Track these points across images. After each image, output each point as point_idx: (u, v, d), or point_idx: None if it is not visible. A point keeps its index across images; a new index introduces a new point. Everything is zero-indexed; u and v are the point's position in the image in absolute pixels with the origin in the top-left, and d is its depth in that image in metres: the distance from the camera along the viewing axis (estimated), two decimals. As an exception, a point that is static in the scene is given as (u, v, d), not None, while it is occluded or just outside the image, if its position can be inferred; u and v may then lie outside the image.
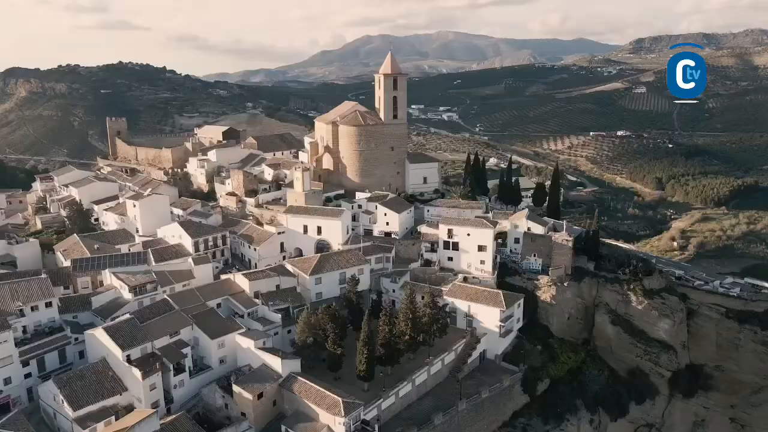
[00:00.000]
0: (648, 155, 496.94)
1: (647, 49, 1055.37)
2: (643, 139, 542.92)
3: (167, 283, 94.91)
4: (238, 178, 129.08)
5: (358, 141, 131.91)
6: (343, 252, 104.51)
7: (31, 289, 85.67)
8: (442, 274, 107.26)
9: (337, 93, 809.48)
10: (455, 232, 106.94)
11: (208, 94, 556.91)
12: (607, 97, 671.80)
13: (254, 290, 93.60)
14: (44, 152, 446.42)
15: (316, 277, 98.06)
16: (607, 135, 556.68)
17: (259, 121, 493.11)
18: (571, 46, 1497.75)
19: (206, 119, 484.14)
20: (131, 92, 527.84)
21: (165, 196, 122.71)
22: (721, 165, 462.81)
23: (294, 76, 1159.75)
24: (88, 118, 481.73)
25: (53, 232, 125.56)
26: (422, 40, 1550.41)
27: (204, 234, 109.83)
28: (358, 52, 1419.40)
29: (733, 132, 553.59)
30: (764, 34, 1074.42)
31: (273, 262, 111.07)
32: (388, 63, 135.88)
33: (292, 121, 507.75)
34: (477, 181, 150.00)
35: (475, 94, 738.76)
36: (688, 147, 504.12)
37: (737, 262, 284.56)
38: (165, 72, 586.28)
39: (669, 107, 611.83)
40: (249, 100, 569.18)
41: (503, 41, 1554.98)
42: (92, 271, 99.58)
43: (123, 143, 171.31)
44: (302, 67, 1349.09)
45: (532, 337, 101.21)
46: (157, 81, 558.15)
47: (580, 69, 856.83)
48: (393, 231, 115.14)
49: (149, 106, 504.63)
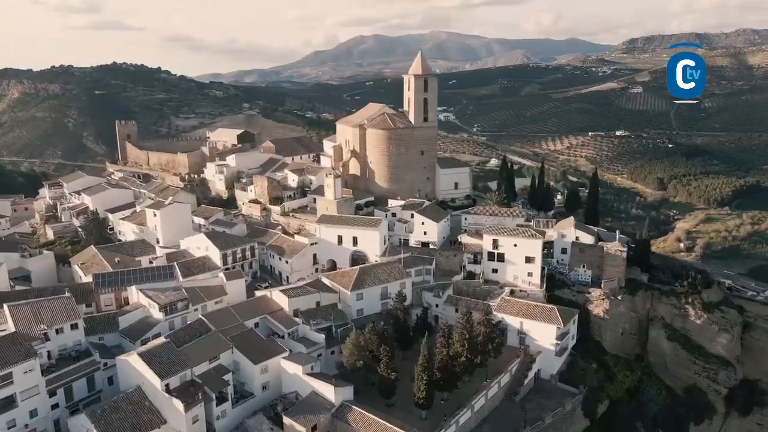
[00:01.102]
0: (648, 155, 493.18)
1: (640, 49, 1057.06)
2: (642, 139, 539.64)
3: (198, 300, 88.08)
4: (261, 185, 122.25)
5: (387, 145, 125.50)
6: (382, 265, 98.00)
7: (54, 309, 78.68)
8: (487, 287, 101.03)
9: (332, 93, 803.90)
10: (501, 243, 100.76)
11: (204, 95, 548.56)
12: (603, 97, 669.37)
13: (293, 308, 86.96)
14: (38, 154, 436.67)
15: (357, 293, 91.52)
16: (606, 135, 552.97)
17: (256, 122, 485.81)
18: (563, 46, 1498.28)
19: (202, 120, 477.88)
20: (126, 93, 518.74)
21: (186, 205, 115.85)
22: (722, 165, 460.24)
23: (287, 77, 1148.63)
24: (83, 120, 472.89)
25: (66, 243, 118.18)
26: (415, 40, 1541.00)
27: (232, 246, 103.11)
28: (352, 53, 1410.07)
29: (731, 132, 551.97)
30: (756, 34, 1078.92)
31: (305, 275, 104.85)
32: (418, 63, 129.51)
33: (289, 122, 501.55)
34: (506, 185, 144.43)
35: (470, 95, 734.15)
36: (687, 147, 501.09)
37: (744, 262, 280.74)
38: (160, 72, 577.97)
39: (666, 107, 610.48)
40: (245, 100, 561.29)
41: (496, 41, 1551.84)
42: (116, 288, 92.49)
43: (133, 147, 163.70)
44: (295, 67, 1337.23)
45: (585, 354, 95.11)
46: (152, 82, 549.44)
47: (575, 69, 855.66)
48: (431, 241, 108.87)
49: (145, 107, 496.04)
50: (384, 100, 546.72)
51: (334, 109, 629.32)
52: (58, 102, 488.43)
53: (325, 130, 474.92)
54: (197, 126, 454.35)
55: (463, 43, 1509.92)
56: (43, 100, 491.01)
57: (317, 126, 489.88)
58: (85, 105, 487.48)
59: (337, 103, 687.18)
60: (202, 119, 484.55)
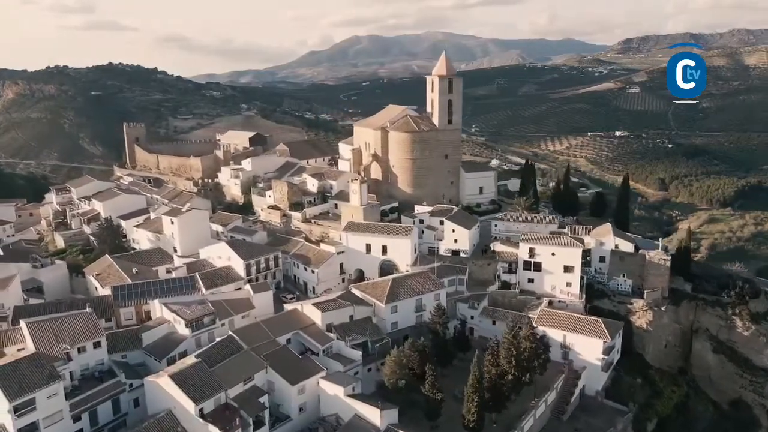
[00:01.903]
0: (648, 156, 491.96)
1: (636, 50, 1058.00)
2: (641, 139, 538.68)
3: (225, 314, 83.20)
4: (281, 190, 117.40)
5: (411, 148, 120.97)
6: (415, 275, 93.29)
7: (76, 326, 73.63)
8: (523, 298, 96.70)
9: (329, 94, 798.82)
10: (538, 251, 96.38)
11: (201, 96, 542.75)
12: (601, 97, 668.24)
13: (327, 323, 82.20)
14: (34, 156, 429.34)
15: (392, 306, 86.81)
16: (605, 135, 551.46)
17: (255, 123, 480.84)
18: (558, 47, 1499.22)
19: (200, 121, 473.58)
20: (122, 94, 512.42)
21: (205, 212, 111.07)
22: (722, 165, 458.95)
23: (283, 77, 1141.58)
24: (79, 121, 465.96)
25: (78, 252, 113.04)
26: (411, 41, 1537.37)
27: (256, 255, 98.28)
28: (347, 53, 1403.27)
29: (729, 132, 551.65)
30: (750, 34, 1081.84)
31: (332, 286, 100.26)
32: (442, 64, 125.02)
33: (288, 123, 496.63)
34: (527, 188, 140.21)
35: (467, 95, 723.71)
36: (687, 147, 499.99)
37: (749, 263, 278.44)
38: (157, 73, 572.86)
39: (664, 107, 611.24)
40: (242, 101, 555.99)
41: (491, 41, 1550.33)
42: (136, 301, 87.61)
43: (142, 150, 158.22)
44: (291, 67, 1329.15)
45: (628, 368, 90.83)
46: (148, 82, 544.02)
47: (571, 69, 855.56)
48: (462, 249, 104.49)
49: (142, 108, 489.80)
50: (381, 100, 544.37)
51: (332, 110, 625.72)
52: (54, 103, 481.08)
53: (324, 131, 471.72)
54: (195, 127, 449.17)
55: (458, 43, 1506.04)
56: (38, 101, 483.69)
57: (316, 127, 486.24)
58: (81, 106, 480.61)
59: (334, 104, 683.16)
60: (200, 120, 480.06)
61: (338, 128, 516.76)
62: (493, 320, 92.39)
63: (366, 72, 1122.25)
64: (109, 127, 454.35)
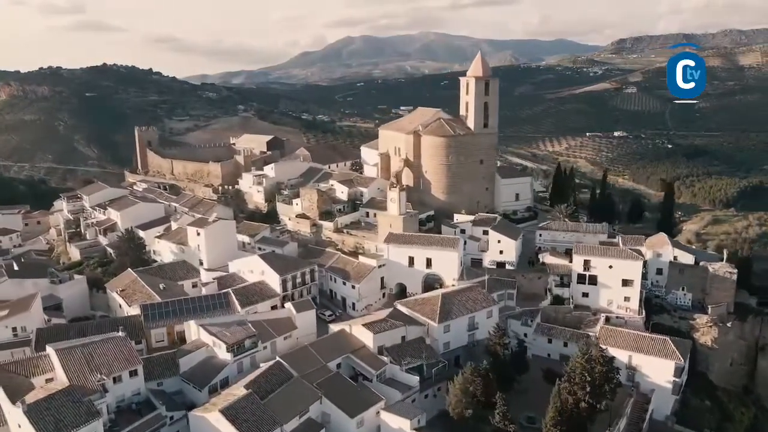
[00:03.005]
0: (649, 156, 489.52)
1: (629, 50, 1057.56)
2: (641, 139, 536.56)
3: (267, 336, 76.76)
4: (311, 198, 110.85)
5: (446, 153, 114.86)
6: (465, 290, 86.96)
7: (109, 353, 67.08)
8: (578, 314, 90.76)
9: (324, 94, 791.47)
10: (593, 264, 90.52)
11: (198, 97, 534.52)
12: (597, 98, 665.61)
13: (379, 345, 75.84)
14: (28, 158, 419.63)
15: (445, 325, 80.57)
16: (604, 135, 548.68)
17: (252, 125, 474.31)
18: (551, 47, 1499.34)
19: (197, 122, 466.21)
20: (117, 95, 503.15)
21: (232, 222, 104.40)
22: (722, 165, 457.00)
23: (276, 78, 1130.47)
24: (74, 122, 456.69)
25: (96, 265, 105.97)
26: (404, 41, 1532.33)
27: (291, 269, 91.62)
28: (340, 53, 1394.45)
29: (727, 132, 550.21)
30: (742, 35, 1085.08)
31: (373, 302, 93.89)
32: (478, 64, 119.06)
33: (286, 124, 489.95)
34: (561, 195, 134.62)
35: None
36: (687, 147, 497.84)
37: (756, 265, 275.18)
38: (152, 74, 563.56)
39: (661, 107, 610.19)
40: (239, 102, 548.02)
41: (484, 42, 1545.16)
42: (168, 321, 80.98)
43: (155, 155, 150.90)
44: (284, 68, 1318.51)
45: (694, 390, 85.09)
46: (143, 83, 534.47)
47: (566, 69, 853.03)
48: (508, 261, 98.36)
49: (137, 110, 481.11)
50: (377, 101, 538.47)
51: (329, 111, 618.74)
52: (48, 104, 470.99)
53: (322, 132, 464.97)
54: (192, 128, 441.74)
55: (451, 43, 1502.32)
56: (31, 102, 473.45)
57: (314, 128, 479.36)
58: (75, 107, 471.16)
59: (330, 105, 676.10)
60: (196, 121, 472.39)
61: (337, 129, 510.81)
62: (549, 338, 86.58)
63: (360, 73, 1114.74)
64: (104, 129, 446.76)
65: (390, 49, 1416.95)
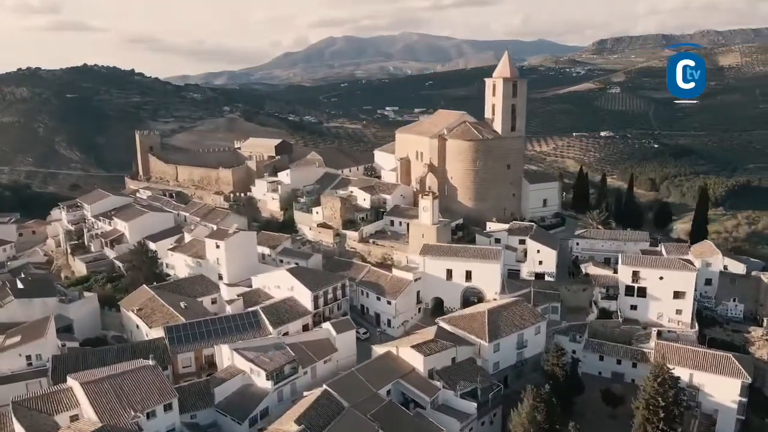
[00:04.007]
0: (636, 156, 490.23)
1: (610, 50, 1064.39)
2: (627, 139, 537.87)
3: (307, 361, 70.58)
4: (333, 206, 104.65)
5: (473, 158, 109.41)
6: (510, 305, 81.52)
7: (141, 385, 60.44)
8: (628, 328, 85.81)
9: (308, 95, 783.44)
10: (643, 275, 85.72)
11: (182, 98, 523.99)
12: (582, 98, 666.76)
13: (429, 367, 70.09)
14: (7, 162, 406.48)
15: (495, 344, 75.13)
16: (590, 135, 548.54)
17: (239, 126, 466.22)
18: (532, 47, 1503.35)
19: (182, 124, 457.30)
20: (99, 96, 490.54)
21: (252, 233, 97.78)
22: (708, 165, 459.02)
23: (258, 78, 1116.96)
24: (54, 124, 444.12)
25: (104, 280, 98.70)
26: (386, 41, 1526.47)
27: (323, 284, 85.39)
28: (323, 54, 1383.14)
29: (711, 132, 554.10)
30: (719, 35, 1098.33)
31: (409, 318, 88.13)
32: (505, 65, 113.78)
33: (273, 126, 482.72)
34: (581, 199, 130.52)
35: (448, 96, 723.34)
36: (674, 147, 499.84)
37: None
38: (134, 75, 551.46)
39: (644, 107, 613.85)
40: (224, 103, 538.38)
41: (466, 42, 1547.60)
42: (196, 344, 74.31)
43: (158, 161, 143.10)
44: (266, 69, 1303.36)
45: (753, 408, 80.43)
46: (125, 84, 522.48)
47: (549, 70, 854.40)
48: (547, 272, 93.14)
49: (120, 111, 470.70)
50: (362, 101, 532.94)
51: (314, 112, 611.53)
52: (27, 106, 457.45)
53: (309, 133, 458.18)
54: (177, 130, 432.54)
55: (433, 44, 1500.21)
56: (10, 104, 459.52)
57: (301, 129, 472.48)
58: (56, 109, 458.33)
59: (316, 105, 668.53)
60: (181, 123, 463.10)
61: (324, 131, 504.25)
62: (600, 355, 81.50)
63: (342, 73, 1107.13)
64: (86, 131, 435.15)
65: (372, 49, 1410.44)
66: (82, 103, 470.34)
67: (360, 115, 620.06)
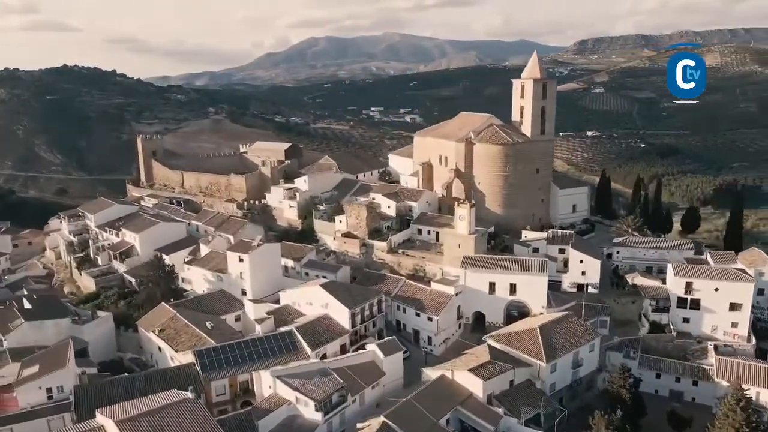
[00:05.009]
0: (623, 155, 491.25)
1: (591, 50, 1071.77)
2: (614, 139, 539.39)
3: (355, 388, 64.75)
4: (358, 214, 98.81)
5: (503, 163, 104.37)
6: (561, 320, 76.38)
7: (182, 422, 54.05)
8: (681, 343, 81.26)
9: (291, 96, 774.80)
10: (696, 286, 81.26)
11: (165, 99, 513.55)
12: (566, 98, 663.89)
13: (488, 392, 64.72)
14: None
15: (553, 364, 70.04)
16: (577, 135, 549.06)
17: (224, 127, 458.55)
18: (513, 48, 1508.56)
19: (167, 126, 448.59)
20: (81, 98, 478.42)
21: (276, 245, 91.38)
22: (694, 164, 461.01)
23: (240, 79, 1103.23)
24: (34, 126, 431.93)
25: (116, 297, 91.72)
26: (368, 42, 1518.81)
27: (359, 300, 79.49)
28: (305, 54, 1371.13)
29: (695, 131, 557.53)
30: (697, 36, 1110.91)
31: (450, 334, 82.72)
32: (535, 66, 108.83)
33: (259, 127, 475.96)
34: (604, 203, 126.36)
35: (433, 96, 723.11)
36: (660, 147, 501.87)
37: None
38: (116, 76, 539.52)
39: (628, 107, 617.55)
40: (208, 104, 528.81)
41: (448, 43, 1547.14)
42: (229, 370, 68.03)
43: (161, 166, 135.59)
44: (248, 69, 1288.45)
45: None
46: (107, 85, 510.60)
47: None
48: (591, 283, 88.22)
49: (102, 113, 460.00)
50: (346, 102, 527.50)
51: (300, 112, 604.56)
52: (5, 108, 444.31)
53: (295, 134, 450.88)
54: (162, 132, 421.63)
55: (416, 44, 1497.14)
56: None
57: (287, 130, 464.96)
58: (36, 111, 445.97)
59: (300, 106, 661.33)
60: (166, 125, 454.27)
61: (311, 131, 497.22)
62: (658, 372, 76.86)
63: (325, 74, 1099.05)
64: (67, 134, 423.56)
65: (354, 49, 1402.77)
66: (62, 104, 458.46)
67: (346, 116, 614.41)
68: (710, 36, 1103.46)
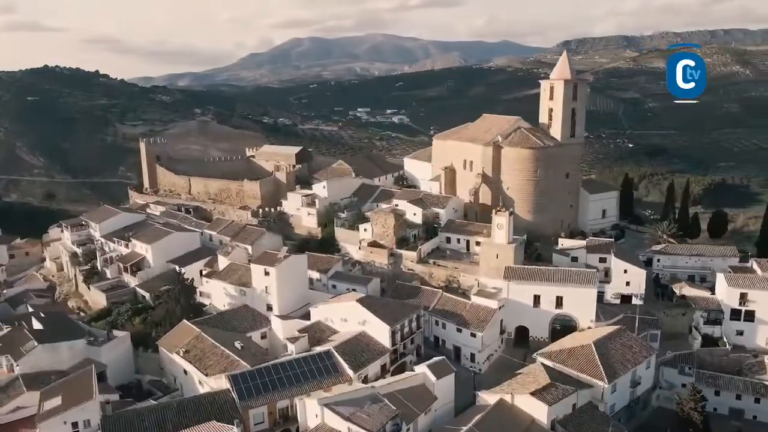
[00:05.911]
0: (612, 156, 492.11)
1: (574, 51, 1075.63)
2: (602, 139, 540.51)
3: (408, 415, 59.53)
4: (385, 223, 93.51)
5: (533, 168, 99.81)
6: (614, 335, 71.98)
7: (231, 462, 48.56)
8: (737, 357, 77.33)
9: (277, 96, 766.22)
10: (751, 297, 77.40)
11: (150, 100, 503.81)
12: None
13: (552, 418, 59.99)
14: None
15: (613, 384, 65.55)
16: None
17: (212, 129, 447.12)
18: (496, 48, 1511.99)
19: (152, 127, 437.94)
20: (63, 99, 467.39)
21: (303, 257, 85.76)
22: (683, 164, 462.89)
23: (224, 80, 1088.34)
24: (15, 128, 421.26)
25: (130, 313, 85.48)
26: (352, 42, 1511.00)
27: (399, 317, 74.23)
28: (288, 55, 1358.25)
29: (681, 131, 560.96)
30: (678, 37, 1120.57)
31: (494, 351, 77.90)
32: (564, 66, 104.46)
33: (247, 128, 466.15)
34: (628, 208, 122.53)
35: (419, 96, 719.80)
36: (647, 147, 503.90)
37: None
38: (99, 76, 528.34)
39: (613, 107, 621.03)
40: (194, 105, 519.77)
41: (431, 43, 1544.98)
42: (267, 396, 62.46)
43: (167, 171, 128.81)
44: (231, 70, 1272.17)
45: None
46: (90, 86, 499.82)
47: (517, 70, 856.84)
48: (635, 293, 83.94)
49: (85, 114, 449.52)
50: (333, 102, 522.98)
51: (286, 113, 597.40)
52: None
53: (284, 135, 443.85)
54: (147, 134, 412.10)
55: (399, 45, 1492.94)
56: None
57: (275, 132, 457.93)
58: (16, 112, 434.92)
59: (287, 107, 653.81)
60: (151, 126, 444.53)
61: (299, 132, 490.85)
62: (716, 390, 72.76)
63: (309, 74, 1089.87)
64: (50, 136, 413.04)
65: (338, 50, 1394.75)
66: (44, 106, 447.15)
67: (333, 117, 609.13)
68: (690, 37, 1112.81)
